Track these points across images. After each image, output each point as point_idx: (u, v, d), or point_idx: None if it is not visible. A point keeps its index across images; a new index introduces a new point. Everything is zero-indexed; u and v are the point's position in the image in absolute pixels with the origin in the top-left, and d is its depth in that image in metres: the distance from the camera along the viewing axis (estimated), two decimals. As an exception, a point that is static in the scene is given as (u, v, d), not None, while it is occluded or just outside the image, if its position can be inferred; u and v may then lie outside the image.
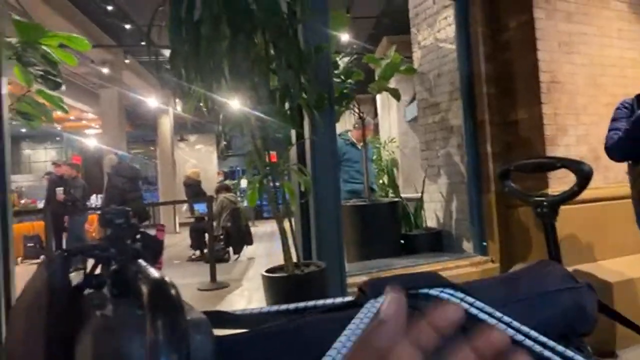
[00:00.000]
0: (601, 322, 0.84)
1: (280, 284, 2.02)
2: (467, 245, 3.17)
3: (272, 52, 2.13)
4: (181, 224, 11.29)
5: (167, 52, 2.14)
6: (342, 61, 3.16)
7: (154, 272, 0.43)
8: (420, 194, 3.46)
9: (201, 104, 2.29)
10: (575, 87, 2.93)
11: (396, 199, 3.32)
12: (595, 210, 2.80)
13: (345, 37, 7.26)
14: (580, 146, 2.91)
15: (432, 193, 3.52)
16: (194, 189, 7.57)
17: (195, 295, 4.19)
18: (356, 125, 4.19)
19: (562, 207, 2.83)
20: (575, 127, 2.91)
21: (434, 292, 0.71)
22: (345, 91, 3.10)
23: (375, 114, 8.81)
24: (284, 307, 0.75)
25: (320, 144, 2.39)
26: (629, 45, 3.18)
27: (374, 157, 6.11)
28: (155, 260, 0.58)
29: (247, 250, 6.55)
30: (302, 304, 0.75)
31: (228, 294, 4.26)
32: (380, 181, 5.57)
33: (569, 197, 0.88)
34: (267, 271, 2.09)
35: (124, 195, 6.03)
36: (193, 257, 6.75)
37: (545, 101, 2.81)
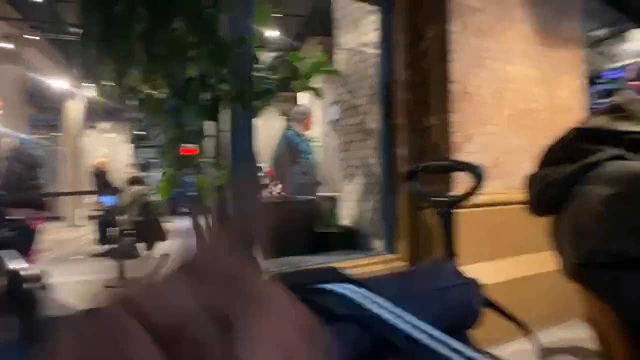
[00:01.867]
0: (487, 317, 0.90)
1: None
2: (379, 244, 3.29)
3: (190, 39, 2.05)
4: (87, 217, 10.53)
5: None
6: (267, 56, 3.12)
7: (11, 264, 0.38)
8: (337, 193, 3.53)
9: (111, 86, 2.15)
10: (481, 99, 3.15)
11: (311, 197, 3.35)
12: (495, 213, 3.04)
13: (271, 33, 7.21)
14: (484, 153, 3.13)
15: (348, 192, 3.61)
16: (102, 179, 7.10)
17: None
18: (300, 117, 4.17)
19: (466, 210, 3.03)
20: (480, 136, 3.13)
21: (331, 286, 0.71)
22: (267, 87, 3.07)
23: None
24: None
25: (239, 137, 2.34)
26: (531, 64, 3.49)
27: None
28: (26, 250, 0.52)
29: (160, 247, 6.26)
30: None
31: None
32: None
33: (464, 197, 0.94)
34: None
35: (20, 182, 5.49)
36: (99, 252, 6.32)
37: (455, 110, 2.99)
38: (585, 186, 1.02)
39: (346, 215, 3.62)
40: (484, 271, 3.03)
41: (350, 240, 3.40)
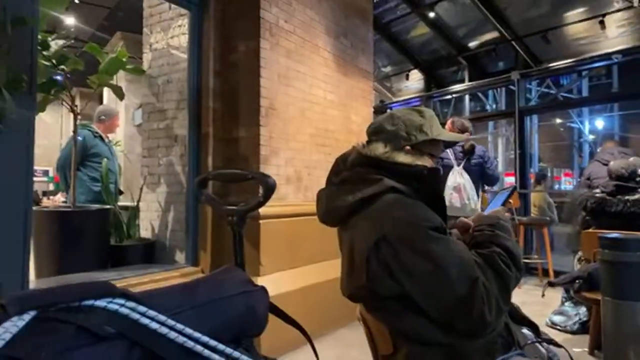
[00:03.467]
0: (274, 325, 0.92)
1: None
2: (180, 256, 3.15)
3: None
4: None
5: None
6: (55, 43, 2.72)
7: None
8: (136, 203, 3.26)
9: None
10: (288, 116, 3.34)
11: (107, 207, 3.03)
12: (295, 224, 3.22)
13: (69, 20, 6.37)
14: (288, 167, 3.31)
15: (150, 202, 3.38)
16: None
17: None
18: (102, 117, 3.72)
19: (267, 221, 3.13)
20: (285, 150, 3.30)
21: (101, 302, 0.63)
22: (55, 78, 2.68)
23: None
24: None
25: (11, 133, 1.96)
26: (330, 88, 3.84)
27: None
28: None
29: None
30: None
31: None
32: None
33: (254, 206, 0.96)
34: None
35: None
36: None
37: (263, 124, 3.09)
38: (360, 220, 1.15)
39: (147, 226, 3.38)
40: (282, 280, 3.17)
41: (151, 253, 3.18)
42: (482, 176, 3.96)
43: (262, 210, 2.85)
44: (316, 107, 3.67)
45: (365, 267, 1.09)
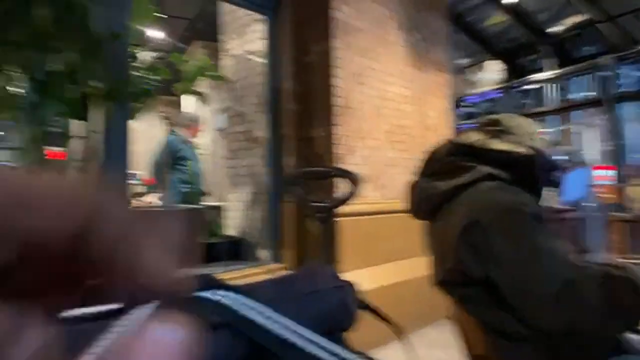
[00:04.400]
0: (364, 320, 0.92)
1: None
2: (264, 254, 3.26)
3: (55, 28, 1.84)
4: None
5: None
6: (145, 55, 2.94)
7: None
8: (222, 203, 3.43)
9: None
10: (362, 114, 3.33)
11: (196, 206, 3.21)
12: (373, 222, 3.20)
13: (155, 33, 6.84)
14: (364, 166, 3.30)
15: (235, 202, 3.53)
16: None
17: None
18: (187, 123, 3.98)
19: (347, 219, 3.13)
20: (362, 149, 3.29)
21: (206, 293, 0.67)
22: (147, 87, 2.88)
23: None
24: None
25: (110, 139, 2.15)
26: (405, 84, 3.78)
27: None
28: None
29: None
30: (79, 311, 0.63)
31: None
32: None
33: (342, 202, 0.96)
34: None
35: None
36: None
37: (338, 123, 3.11)
38: (454, 205, 1.11)
39: (232, 225, 3.53)
40: (361, 277, 3.17)
41: (236, 250, 3.32)
42: None
43: (341, 208, 2.87)
44: (391, 104, 3.62)
45: (455, 249, 1.05)
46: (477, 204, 1.06)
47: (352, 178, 0.90)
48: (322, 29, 3.18)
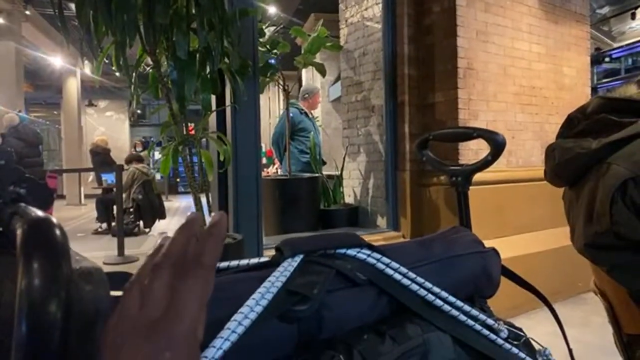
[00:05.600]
0: (503, 288, 0.89)
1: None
2: (381, 221, 3.28)
3: (193, 10, 2.00)
4: (87, 196, 10.50)
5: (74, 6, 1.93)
6: (268, 30, 3.07)
7: (35, 212, 0.36)
8: (340, 171, 3.51)
9: (110, 63, 2.10)
10: (487, 75, 3.11)
11: (316, 175, 3.33)
12: (499, 191, 3.03)
13: (272, 9, 7.08)
14: (488, 131, 3.10)
15: (351, 170, 3.59)
16: (102, 157, 7.04)
17: (100, 269, 3.93)
18: (306, 95, 4.14)
19: (472, 188, 3.01)
20: (486, 112, 3.09)
21: (351, 252, 0.70)
22: (270, 61, 3.02)
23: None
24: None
25: (242, 112, 2.31)
26: (536, 40, 3.43)
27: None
28: (44, 210, 0.50)
29: (159, 225, 6.27)
30: (224, 263, 0.71)
31: (137, 268, 4.05)
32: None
33: (482, 166, 0.92)
34: (180, 242, 2.00)
35: (21, 160, 5.48)
36: (100, 229, 6.33)
37: (461, 86, 2.95)
38: (607, 164, 0.98)
39: (350, 193, 3.61)
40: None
41: (354, 217, 3.40)
42: None
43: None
44: (520, 63, 3.32)
45: (610, 209, 0.94)
46: (637, 157, 0.93)
47: (493, 139, 0.85)
48: (443, -13, 3.01)
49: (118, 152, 9.63)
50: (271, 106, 12.80)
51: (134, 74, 2.19)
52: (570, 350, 0.82)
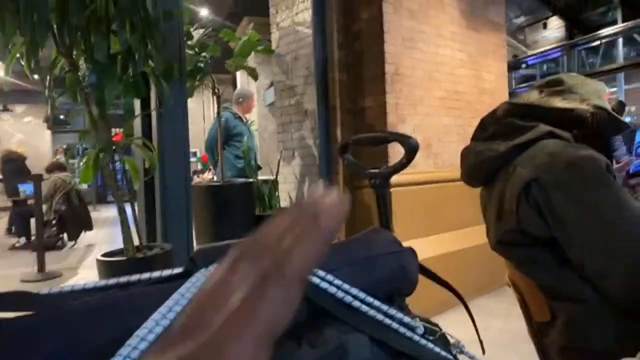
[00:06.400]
0: (421, 287, 0.92)
1: (118, 269, 1.84)
2: (317, 225, 3.30)
3: (113, 11, 1.91)
4: None
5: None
6: (197, 33, 2.99)
7: None
8: (275, 176, 3.49)
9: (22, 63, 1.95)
10: (414, 80, 3.23)
11: (250, 180, 3.29)
12: (427, 191, 3.15)
13: (203, 11, 6.93)
14: (416, 134, 3.22)
15: (287, 175, 3.59)
16: (14, 166, 6.51)
17: (18, 288, 3.63)
18: (240, 100, 4.06)
19: (399, 189, 3.11)
20: (413, 116, 3.22)
21: (268, 258, 0.69)
22: (199, 64, 2.95)
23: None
24: (102, 282, 0.66)
25: (169, 117, 2.23)
26: (459, 47, 3.62)
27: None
28: None
29: (85, 237, 5.91)
30: (124, 278, 0.67)
31: (60, 284, 3.79)
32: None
33: (398, 168, 0.95)
34: (103, 255, 1.89)
35: None
36: (17, 244, 5.86)
37: (389, 91, 3.05)
38: (513, 166, 1.06)
39: (286, 197, 3.60)
40: (417, 247, 3.15)
41: (289, 222, 3.39)
42: None
43: (392, 179, 2.85)
44: (444, 68, 3.49)
45: (516, 209, 1.01)
46: (538, 160, 1.00)
47: (407, 143, 0.89)
48: (370, -6, 3.09)
49: (39, 160, 8.98)
50: (205, 110, 12.50)
51: (48, 77, 2.05)
52: (480, 342, 0.86)
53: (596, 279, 0.94)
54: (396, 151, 2.97)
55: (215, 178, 4.75)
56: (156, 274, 0.68)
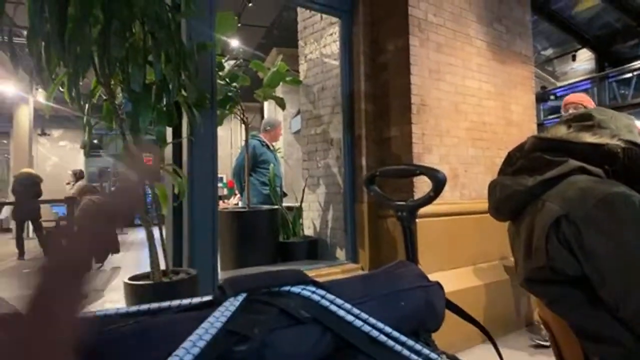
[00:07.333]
0: (448, 322, 0.91)
1: (144, 293, 1.87)
2: (340, 253, 3.29)
3: (150, 43, 2.00)
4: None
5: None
6: (228, 64, 3.10)
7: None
8: (299, 203, 3.52)
9: (62, 91, 2.06)
10: (440, 111, 3.24)
11: (276, 207, 3.32)
12: (452, 223, 3.11)
13: (234, 42, 7.17)
14: (442, 165, 3.21)
15: (311, 202, 3.60)
16: (27, 187, 6.68)
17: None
18: (268, 128, 4.15)
19: (425, 220, 3.09)
20: (439, 147, 3.21)
21: (295, 289, 0.70)
22: (229, 94, 3.04)
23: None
24: (134, 308, 0.68)
25: (199, 145, 2.30)
26: (485, 79, 3.62)
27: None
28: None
29: (113, 259, 6.03)
30: (155, 305, 0.69)
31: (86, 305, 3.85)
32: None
33: (425, 202, 0.95)
34: (130, 279, 1.93)
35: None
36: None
37: (415, 122, 3.06)
38: (542, 201, 1.04)
39: (310, 225, 3.61)
40: (443, 279, 3.10)
41: (314, 250, 3.39)
42: None
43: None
44: (471, 100, 3.49)
45: (545, 245, 0.98)
46: (569, 195, 0.98)
47: (436, 176, 0.89)
48: (398, 27, 3.15)
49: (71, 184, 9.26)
50: (233, 137, 12.77)
51: (87, 105, 2.15)
52: (510, 382, 0.83)
53: (631, 321, 0.91)
54: (422, 181, 2.96)
55: (240, 203, 4.80)
56: (185, 301, 0.70)
